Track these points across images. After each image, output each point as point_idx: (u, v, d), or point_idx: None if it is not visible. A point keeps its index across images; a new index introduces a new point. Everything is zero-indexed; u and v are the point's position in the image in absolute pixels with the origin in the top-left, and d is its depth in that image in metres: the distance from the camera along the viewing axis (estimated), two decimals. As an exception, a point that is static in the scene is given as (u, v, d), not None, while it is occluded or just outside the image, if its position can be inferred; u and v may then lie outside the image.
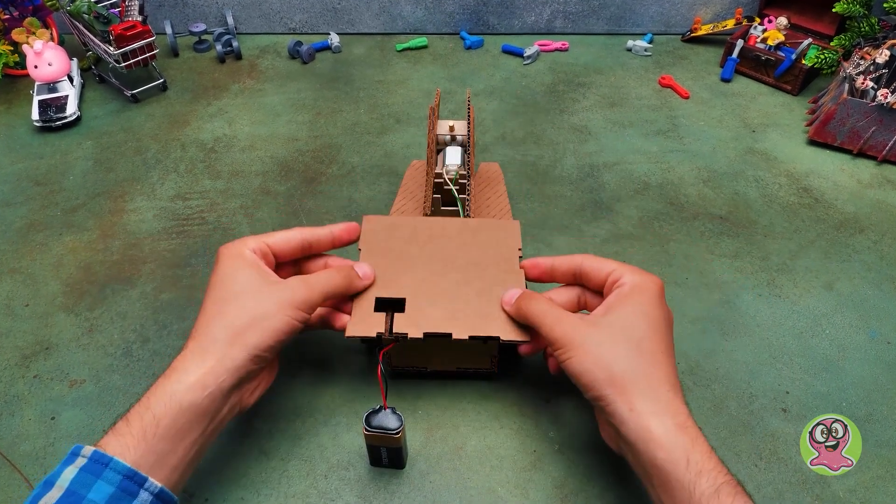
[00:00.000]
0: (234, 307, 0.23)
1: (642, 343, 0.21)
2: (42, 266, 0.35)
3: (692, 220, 0.38)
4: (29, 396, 0.29)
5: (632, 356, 0.21)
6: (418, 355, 0.27)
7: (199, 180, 0.42)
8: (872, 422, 0.28)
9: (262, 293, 0.23)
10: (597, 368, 0.21)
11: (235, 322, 0.22)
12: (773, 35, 0.50)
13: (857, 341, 0.31)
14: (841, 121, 0.42)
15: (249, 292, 0.23)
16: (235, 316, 0.22)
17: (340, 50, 0.55)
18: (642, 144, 0.44)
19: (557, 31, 0.57)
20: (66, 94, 0.46)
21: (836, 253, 0.36)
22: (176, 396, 0.21)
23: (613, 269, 0.24)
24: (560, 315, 0.23)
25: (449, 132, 0.35)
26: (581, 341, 0.22)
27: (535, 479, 0.26)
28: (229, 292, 0.23)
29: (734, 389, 0.29)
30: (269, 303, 0.23)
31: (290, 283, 0.24)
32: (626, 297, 0.23)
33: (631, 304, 0.22)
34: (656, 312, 0.22)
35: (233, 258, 0.24)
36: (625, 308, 0.22)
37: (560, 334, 0.22)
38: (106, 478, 0.19)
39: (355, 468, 0.26)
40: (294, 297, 0.23)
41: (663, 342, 0.22)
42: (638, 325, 0.22)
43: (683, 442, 0.20)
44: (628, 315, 0.22)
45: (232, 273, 0.24)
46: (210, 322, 0.23)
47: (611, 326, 0.22)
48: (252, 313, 0.22)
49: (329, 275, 0.25)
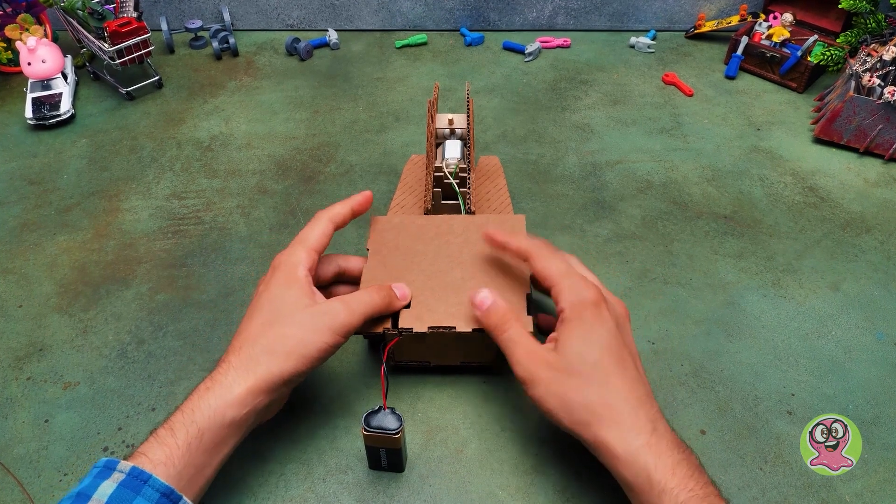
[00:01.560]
0: (280, 330, 0.23)
1: (594, 372, 0.22)
2: (35, 266, 0.35)
3: (696, 219, 0.38)
4: (22, 399, 0.28)
5: (586, 389, 0.22)
6: (422, 349, 0.27)
7: (195, 179, 0.41)
8: (879, 425, 0.27)
9: (306, 319, 0.24)
10: (558, 407, 0.22)
11: (279, 347, 0.23)
12: (779, 32, 0.49)
13: (863, 343, 0.31)
14: (847, 119, 0.42)
15: (296, 317, 0.24)
16: (280, 340, 0.23)
17: (339, 47, 0.55)
18: (645, 143, 0.44)
19: (559, 28, 0.57)
20: (60, 91, 0.46)
21: (843, 253, 0.36)
22: (220, 411, 0.21)
23: (554, 283, 0.24)
24: (525, 345, 0.23)
25: (448, 125, 0.35)
26: (540, 378, 0.22)
27: (537, 483, 0.25)
28: (277, 313, 0.24)
29: (739, 391, 0.29)
30: (312, 329, 0.23)
31: (333, 308, 0.24)
32: (568, 324, 0.23)
33: (574, 331, 0.22)
34: (599, 332, 0.22)
35: (287, 277, 0.25)
36: (570, 337, 0.22)
37: (522, 370, 0.23)
38: (145, 494, 0.19)
39: (354, 472, 0.26)
40: (335, 323, 0.24)
41: (614, 359, 0.22)
42: (585, 353, 0.22)
43: (645, 462, 0.20)
44: (574, 345, 0.22)
45: (282, 293, 0.24)
46: (255, 341, 0.23)
47: (562, 360, 0.22)
48: (295, 339, 0.23)
49: (369, 296, 0.25)
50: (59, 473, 0.26)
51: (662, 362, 0.30)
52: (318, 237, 0.26)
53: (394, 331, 0.26)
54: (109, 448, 0.27)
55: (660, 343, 0.31)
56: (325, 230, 0.26)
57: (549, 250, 0.25)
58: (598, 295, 0.23)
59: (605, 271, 0.34)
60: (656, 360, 0.30)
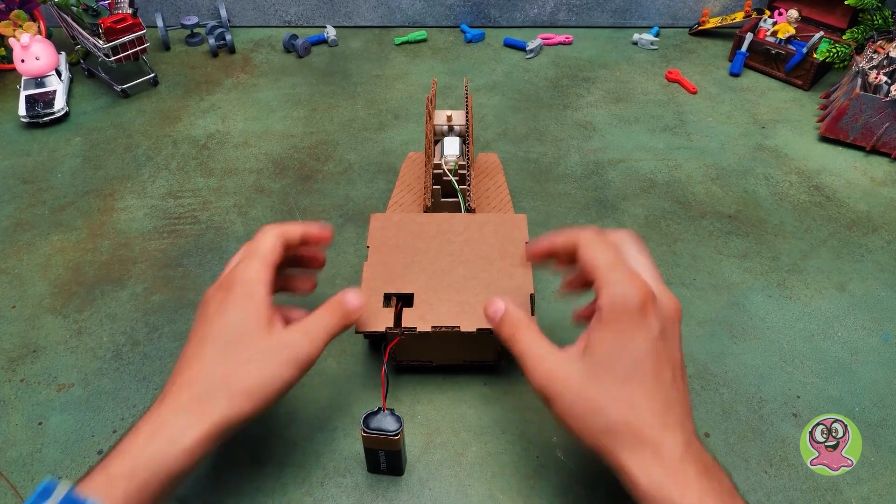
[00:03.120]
0: (238, 365, 0.21)
1: (623, 388, 0.19)
2: (29, 266, 0.35)
3: (700, 219, 0.37)
4: (15, 401, 0.28)
5: (610, 408, 0.19)
6: (424, 349, 0.27)
7: (191, 178, 0.41)
8: (886, 427, 0.27)
9: (267, 352, 0.21)
10: (580, 429, 0.20)
11: (237, 385, 0.20)
12: (784, 28, 0.49)
13: (870, 344, 0.30)
14: (853, 116, 0.41)
15: (255, 349, 0.21)
16: (238, 377, 0.20)
17: (337, 43, 0.54)
18: (648, 141, 0.43)
19: (561, 24, 0.56)
20: (54, 89, 0.45)
21: (849, 253, 0.35)
22: (167, 462, 0.19)
23: (600, 272, 0.21)
24: (541, 354, 0.21)
25: (447, 122, 0.34)
26: (560, 391, 0.20)
27: (538, 487, 0.25)
28: (234, 343, 0.21)
29: (743, 394, 0.28)
30: (274, 364, 0.21)
31: (294, 340, 0.22)
32: (606, 326, 0.20)
33: (607, 338, 0.20)
34: (641, 340, 0.19)
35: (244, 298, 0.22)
36: (601, 345, 0.20)
37: (539, 383, 0.20)
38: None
39: (352, 475, 0.25)
40: (297, 357, 0.22)
41: (649, 374, 0.19)
42: (615, 365, 0.19)
43: (669, 495, 0.18)
44: (604, 355, 0.20)
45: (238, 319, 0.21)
46: (210, 376, 0.20)
47: (585, 375, 0.20)
48: (256, 377, 0.21)
49: (326, 320, 0.23)
50: (53, 476, 0.25)
51: (666, 364, 0.29)
52: (273, 249, 0.23)
53: (396, 330, 0.25)
54: (104, 451, 0.26)
55: (663, 345, 0.30)
56: (277, 242, 0.24)
57: (598, 238, 0.22)
58: (644, 296, 0.20)
59: (607, 271, 0.34)
60: (660, 361, 0.29)
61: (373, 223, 0.30)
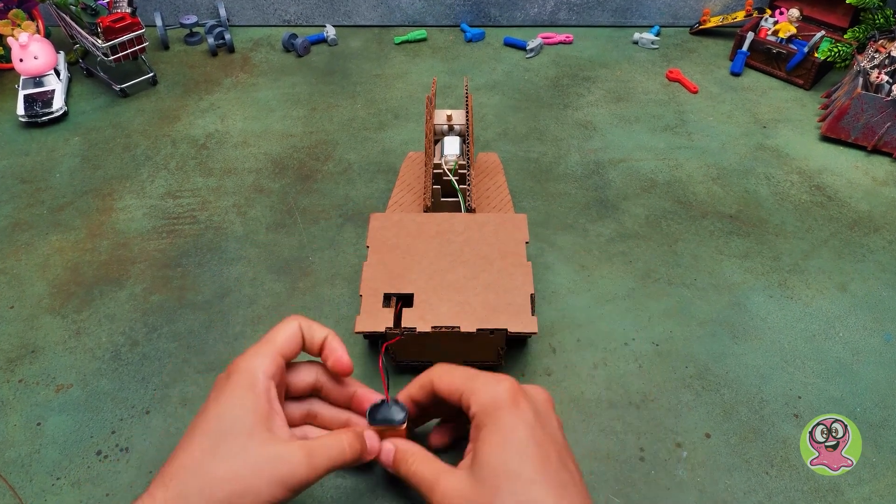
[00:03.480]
0: (223, 467, 0.19)
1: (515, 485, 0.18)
2: (28, 266, 0.34)
3: (701, 219, 0.37)
4: (14, 402, 0.28)
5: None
6: (424, 349, 0.27)
7: (191, 178, 0.40)
8: (888, 427, 0.27)
9: (258, 462, 0.19)
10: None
11: (217, 492, 0.18)
12: (785, 27, 0.49)
13: (871, 344, 0.30)
14: (855, 116, 0.41)
15: (246, 453, 0.19)
16: (220, 483, 0.18)
17: (337, 43, 0.54)
18: (649, 140, 0.43)
19: (561, 24, 0.56)
20: (53, 88, 0.45)
21: (850, 253, 0.35)
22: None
23: (461, 390, 0.21)
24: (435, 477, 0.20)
25: (447, 122, 0.34)
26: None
27: (539, 488, 0.25)
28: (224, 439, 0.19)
29: (744, 394, 0.28)
30: (262, 477, 0.19)
31: (292, 457, 0.19)
32: (482, 430, 0.20)
33: (489, 437, 0.19)
34: (516, 434, 0.19)
35: (243, 387, 0.20)
36: (484, 446, 0.19)
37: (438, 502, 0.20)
38: None
39: (352, 476, 0.25)
40: (291, 478, 0.19)
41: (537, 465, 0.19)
42: (502, 462, 0.19)
43: None
44: (489, 455, 0.19)
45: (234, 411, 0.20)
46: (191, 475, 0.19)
47: (479, 477, 0.19)
48: (239, 486, 0.19)
49: (338, 448, 0.21)
50: (51, 477, 0.25)
51: (666, 364, 0.29)
52: (287, 341, 0.22)
53: (396, 330, 0.25)
54: (103, 451, 0.26)
55: (664, 345, 0.30)
56: (296, 336, 0.22)
57: (447, 366, 0.22)
58: (511, 387, 0.20)
59: (608, 272, 0.34)
60: (660, 362, 0.29)
61: (372, 223, 0.30)
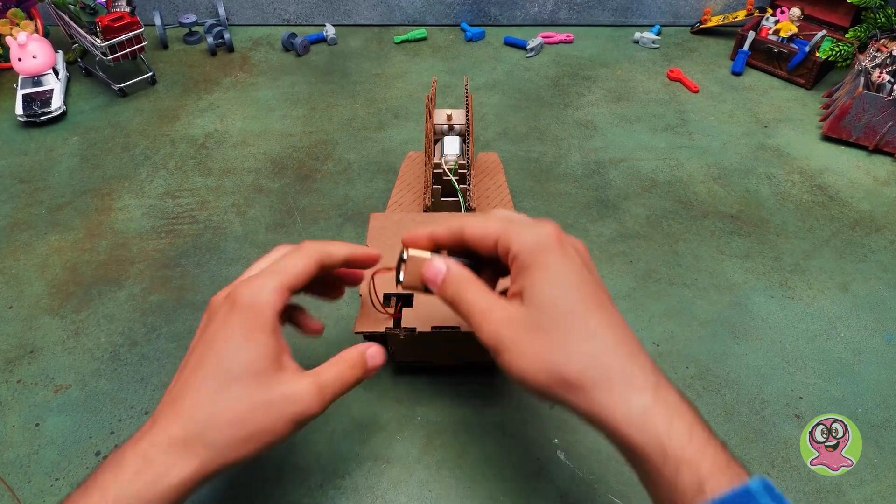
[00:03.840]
0: (238, 407, 0.18)
1: (573, 320, 0.17)
2: (26, 267, 0.34)
3: (702, 218, 0.37)
4: (12, 402, 0.28)
5: (569, 342, 0.17)
6: (423, 349, 0.27)
7: (190, 177, 0.40)
8: (889, 428, 0.27)
9: (270, 400, 0.19)
10: (538, 372, 0.18)
11: (236, 431, 0.18)
12: (786, 27, 0.48)
13: (873, 345, 0.30)
14: (856, 116, 0.41)
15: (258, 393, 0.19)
16: (236, 423, 0.18)
17: (336, 42, 0.54)
18: (650, 140, 0.43)
19: (562, 23, 0.56)
20: (52, 87, 0.45)
21: (852, 253, 0.35)
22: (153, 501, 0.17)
23: (497, 235, 0.19)
24: (487, 306, 0.19)
25: (447, 121, 0.34)
26: (512, 340, 0.18)
27: (539, 489, 0.25)
28: (234, 379, 0.19)
29: (745, 395, 0.28)
30: (275, 415, 0.19)
31: (303, 395, 0.19)
32: (529, 270, 0.18)
33: (538, 275, 0.18)
34: (568, 272, 0.18)
35: (250, 325, 0.19)
36: (535, 284, 0.18)
37: (489, 335, 0.19)
38: None
39: (351, 476, 0.25)
40: (303, 414, 0.19)
41: (593, 301, 0.18)
42: (557, 298, 0.18)
43: (655, 428, 0.16)
44: (542, 292, 0.18)
45: (241, 350, 0.19)
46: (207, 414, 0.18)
47: (533, 312, 0.18)
48: (255, 424, 0.18)
49: (341, 374, 0.20)
50: (50, 478, 0.25)
51: (667, 364, 0.29)
52: (298, 274, 0.20)
53: (396, 330, 0.25)
54: (102, 452, 0.26)
55: (665, 345, 0.30)
56: (308, 268, 0.21)
57: (481, 214, 0.21)
58: (556, 230, 0.19)
59: (608, 272, 0.34)
60: (661, 362, 0.29)
61: (372, 223, 0.29)
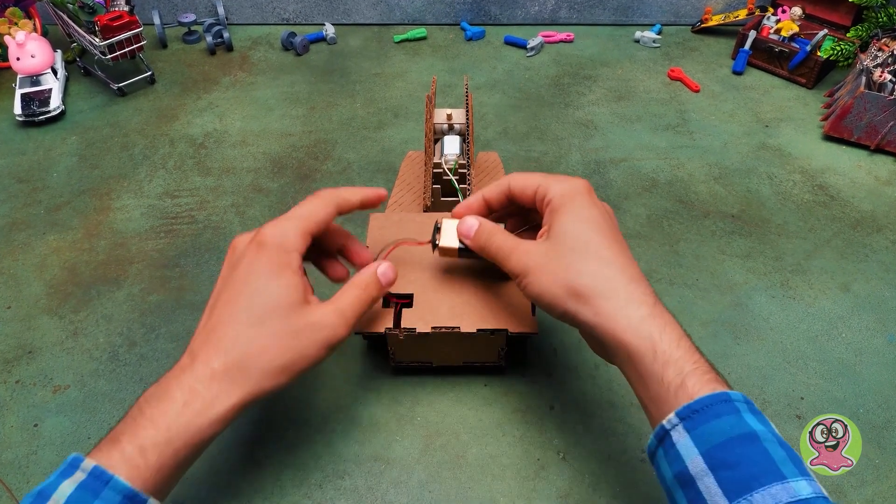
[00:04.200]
0: (273, 340, 0.20)
1: (588, 247, 0.21)
2: (24, 267, 0.34)
3: (703, 218, 0.37)
4: (11, 403, 0.28)
5: (582, 263, 0.21)
6: (424, 349, 0.27)
7: (189, 177, 0.40)
8: (891, 429, 0.27)
9: (302, 331, 0.21)
10: (554, 286, 0.21)
11: (274, 361, 0.20)
12: (787, 26, 0.48)
13: (874, 345, 0.30)
14: (858, 115, 0.41)
15: (289, 324, 0.21)
16: (273, 353, 0.20)
17: (336, 41, 0.54)
18: (651, 140, 0.43)
19: (562, 22, 0.56)
20: (50, 87, 0.45)
21: (853, 253, 0.35)
22: (200, 430, 0.19)
23: (538, 183, 0.23)
24: (514, 244, 0.23)
25: (447, 121, 0.34)
26: (534, 265, 0.22)
27: (539, 489, 0.25)
28: (267, 314, 0.21)
29: (747, 395, 0.28)
30: (308, 344, 0.21)
31: (330, 321, 0.22)
32: (559, 210, 0.22)
33: (566, 214, 0.22)
34: (591, 213, 0.22)
35: (278, 265, 0.21)
36: (561, 221, 0.22)
37: (515, 263, 0.22)
38: (105, 497, 0.18)
39: (351, 477, 0.25)
40: (332, 339, 0.21)
41: (608, 237, 0.22)
42: (579, 231, 0.22)
43: (650, 331, 0.19)
44: (567, 226, 0.22)
45: (271, 287, 0.21)
46: (245, 348, 0.20)
47: (556, 242, 0.22)
48: (291, 354, 0.21)
49: (358, 297, 0.23)
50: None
51: (668, 366, 0.29)
52: (318, 220, 0.23)
53: (395, 331, 0.25)
54: None
55: (665, 346, 0.30)
56: (328, 212, 0.23)
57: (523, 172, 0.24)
58: (586, 184, 0.23)
59: (609, 272, 0.34)
60: (662, 363, 0.29)
61: (372, 223, 0.29)
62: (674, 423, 0.18)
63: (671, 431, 0.18)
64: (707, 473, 0.17)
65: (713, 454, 0.17)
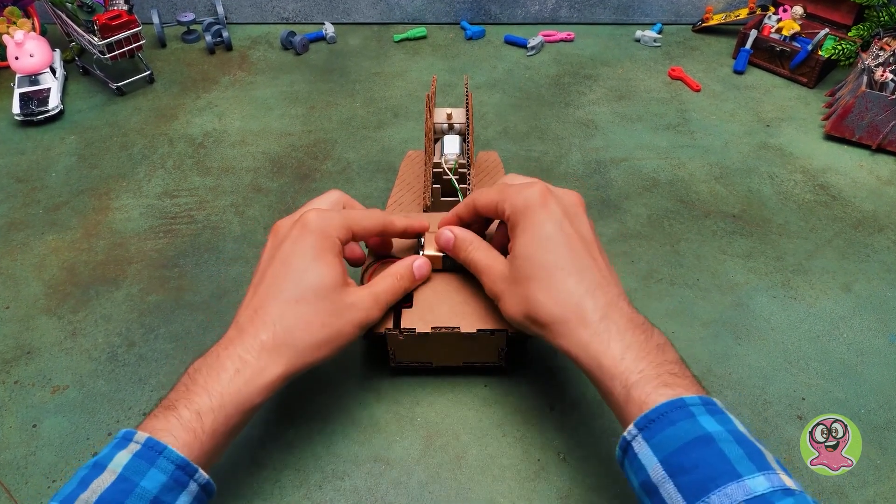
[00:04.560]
0: (315, 317, 0.22)
1: (542, 273, 0.22)
2: (23, 267, 0.34)
3: (703, 218, 0.37)
4: (9, 403, 0.28)
5: (538, 292, 0.21)
6: (423, 350, 0.27)
7: (188, 177, 0.40)
8: (892, 430, 0.27)
9: (341, 310, 0.23)
10: (518, 315, 0.22)
11: (315, 337, 0.22)
12: (789, 25, 0.48)
13: (876, 345, 0.30)
14: (859, 115, 0.41)
15: (329, 303, 0.22)
16: (315, 329, 0.22)
17: (335, 40, 0.54)
18: (651, 139, 0.43)
19: (563, 21, 0.56)
20: (49, 86, 0.45)
21: (854, 253, 0.35)
22: (250, 397, 0.21)
23: (496, 201, 0.24)
24: (487, 264, 0.24)
25: (447, 120, 0.34)
26: (499, 292, 0.23)
27: (539, 490, 0.25)
28: (310, 292, 0.22)
29: (748, 396, 0.28)
30: (345, 323, 0.23)
31: (365, 304, 0.24)
32: (515, 229, 0.23)
33: (521, 235, 0.22)
34: (544, 230, 0.22)
35: (321, 248, 0.23)
36: (518, 243, 0.22)
37: (488, 288, 0.24)
38: (159, 466, 0.19)
39: (350, 478, 0.25)
40: (366, 320, 0.23)
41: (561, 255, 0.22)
42: (534, 256, 0.22)
43: (596, 351, 0.20)
44: (522, 249, 0.22)
45: (314, 268, 0.22)
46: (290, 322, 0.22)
47: (515, 268, 0.23)
48: (330, 330, 0.22)
49: (393, 286, 0.25)
50: (47, 480, 0.25)
51: (669, 366, 0.29)
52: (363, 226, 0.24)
53: (395, 331, 0.25)
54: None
55: (666, 346, 0.30)
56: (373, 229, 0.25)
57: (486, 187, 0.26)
58: (541, 189, 0.23)
59: (609, 272, 0.33)
60: (663, 363, 0.29)
61: None
62: (633, 433, 0.19)
63: (632, 442, 0.19)
64: (667, 480, 0.17)
65: (670, 460, 0.17)
